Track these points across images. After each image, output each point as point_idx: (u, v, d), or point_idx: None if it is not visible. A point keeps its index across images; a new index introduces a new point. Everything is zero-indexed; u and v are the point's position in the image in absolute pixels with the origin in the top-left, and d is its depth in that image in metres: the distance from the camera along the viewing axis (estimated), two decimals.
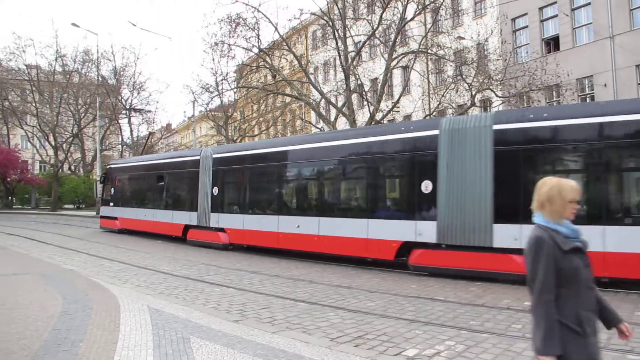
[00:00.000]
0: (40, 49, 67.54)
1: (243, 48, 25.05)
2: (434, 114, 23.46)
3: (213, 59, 32.93)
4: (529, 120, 10.33)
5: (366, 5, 24.86)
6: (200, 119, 47.98)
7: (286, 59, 27.91)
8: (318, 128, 28.04)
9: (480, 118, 11.20)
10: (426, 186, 11.31)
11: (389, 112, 23.97)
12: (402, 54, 23.12)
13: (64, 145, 48.36)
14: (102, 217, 25.41)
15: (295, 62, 26.10)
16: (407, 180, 12.16)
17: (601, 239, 8.81)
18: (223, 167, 17.43)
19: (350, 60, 23.08)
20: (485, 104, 26.14)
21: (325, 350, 5.57)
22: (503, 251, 10.01)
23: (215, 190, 17.40)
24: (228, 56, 26.79)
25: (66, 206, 48.95)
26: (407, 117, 31.65)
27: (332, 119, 24.52)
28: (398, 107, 24.80)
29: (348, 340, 6.17)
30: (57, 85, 46.66)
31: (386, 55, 22.65)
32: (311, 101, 26.12)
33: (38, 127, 48.13)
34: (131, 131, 48.13)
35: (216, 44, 25.45)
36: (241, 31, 23.62)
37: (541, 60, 22.15)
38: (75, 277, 10.73)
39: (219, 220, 17.14)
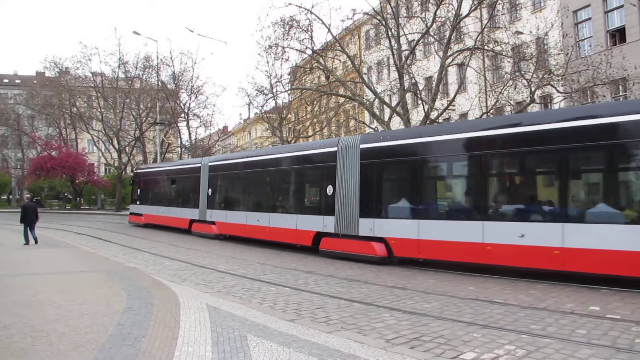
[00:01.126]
0: (104, 57, 71.12)
1: (296, 50, 25.29)
2: (491, 111, 22.83)
3: (267, 62, 33.26)
4: (382, 140, 14.00)
5: (420, 3, 24.52)
6: (256, 121, 48.78)
7: (339, 60, 27.91)
8: (372, 128, 27.90)
9: (355, 138, 14.67)
10: (329, 190, 14.80)
11: (444, 110, 23.56)
12: (457, 51, 22.65)
13: (127, 148, 50.36)
14: (130, 213, 30.64)
15: (349, 62, 26.07)
16: (318, 185, 15.85)
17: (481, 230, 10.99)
18: (214, 173, 21.59)
19: (404, 59, 22.83)
20: (546, 100, 25.23)
21: (381, 351, 5.54)
22: (365, 239, 13.53)
23: (210, 191, 21.68)
24: (282, 58, 27.11)
25: (129, 206, 51.00)
26: (463, 115, 31.00)
27: (386, 118, 24.33)
28: (454, 106, 24.33)
29: (404, 341, 6.11)
30: (120, 91, 48.72)
31: (441, 53, 22.27)
32: (365, 101, 26.00)
33: (103, 131, 50.40)
34: (189, 134, 49.53)
35: (270, 47, 25.81)
36: (294, 33, 23.85)
37: (606, 53, 21.15)
38: (138, 274, 11.17)
39: (211, 215, 21.27)
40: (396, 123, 26.90)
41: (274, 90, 33.09)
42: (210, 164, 22.10)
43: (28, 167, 54.99)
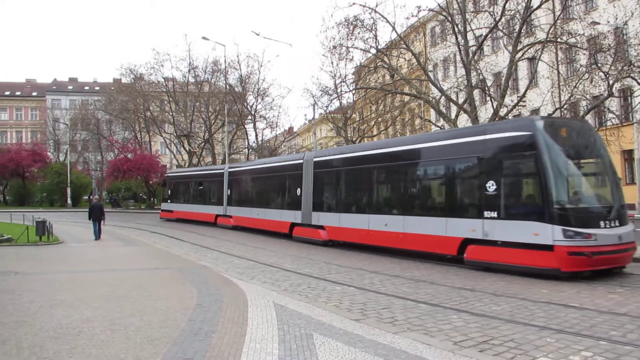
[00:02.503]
0: (175, 63, 73.93)
1: (361, 50, 25.21)
2: (565, 107, 21.79)
3: (332, 62, 33.46)
4: (325, 155, 19.58)
5: None
6: (320, 121, 49.13)
7: (404, 58, 27.58)
8: (438, 126, 27.40)
9: (312, 153, 20.13)
10: (298, 191, 19.82)
11: (514, 107, 22.72)
12: (528, 45, 21.77)
13: (197, 150, 52.12)
14: (162, 210, 36.91)
15: (414, 60, 25.72)
16: (291, 188, 20.78)
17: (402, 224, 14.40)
18: (233, 177, 27.38)
19: (471, 55, 22.22)
20: (625, 93, 23.78)
21: (448, 353, 5.43)
22: (316, 227, 18.48)
23: (229, 192, 27.49)
24: (346, 58, 27.14)
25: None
26: (535, 111, 29.79)
27: (453, 116, 23.79)
28: (524, 102, 23.41)
29: (472, 344, 5.96)
30: (190, 95, 50.55)
31: (510, 48, 21.48)
32: (431, 99, 25.55)
33: (174, 134, 52.48)
34: (256, 135, 50.60)
35: (334, 47, 25.90)
36: (359, 33, 23.77)
37: None
38: (208, 272, 11.55)
39: (229, 210, 27.13)
40: (463, 120, 26.26)
41: (339, 90, 33.22)
42: (230, 170, 28.15)
43: (107, 169, 58.19)
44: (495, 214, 11.51)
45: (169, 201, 35.72)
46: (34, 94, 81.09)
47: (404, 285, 10.09)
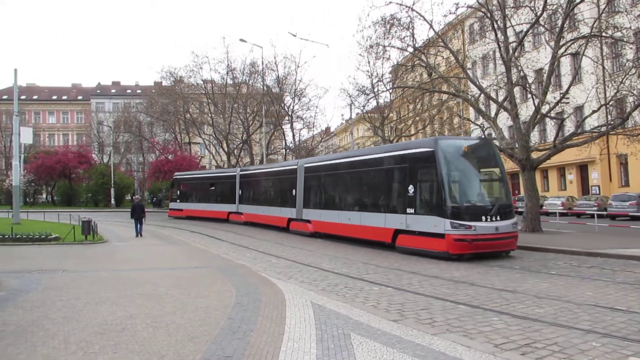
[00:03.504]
0: (214, 65, 74.53)
1: (398, 48, 24.97)
2: (610, 103, 21.07)
3: (368, 62, 33.29)
4: (311, 162, 23.05)
5: None
6: (357, 121, 49.03)
7: (442, 56, 27.17)
8: (477, 125, 26.89)
9: (303, 160, 24.37)
10: (294, 192, 23.45)
11: (556, 104, 22.15)
12: (571, 40, 21.15)
13: (235, 151, 52.80)
14: (170, 209, 40.18)
15: (452, 58, 25.32)
16: (288, 189, 24.33)
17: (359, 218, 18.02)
18: (244, 179, 31.26)
19: (511, 52, 21.74)
20: None
21: (489, 356, 5.34)
22: (305, 221, 22.18)
23: (240, 192, 31.35)
24: (383, 57, 26.95)
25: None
26: (578, 108, 28.95)
27: (493, 114, 23.34)
28: (567, 98, 22.76)
29: (514, 347, 5.84)
30: (228, 97, 51.24)
31: (552, 43, 20.94)
32: (469, 97, 25.09)
33: (213, 135, 53.30)
34: (293, 136, 50.88)
35: (371, 46, 25.74)
36: (395, 32, 23.54)
37: None
38: (246, 271, 11.69)
39: (241, 208, 31.09)
40: (503, 119, 25.75)
41: (376, 89, 33.07)
42: (241, 172, 31.99)
43: (148, 170, 59.62)
44: (413, 211, 15.07)
45: (177, 201, 38.86)
46: (80, 97, 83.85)
47: (442, 286, 9.95)
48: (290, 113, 49.62)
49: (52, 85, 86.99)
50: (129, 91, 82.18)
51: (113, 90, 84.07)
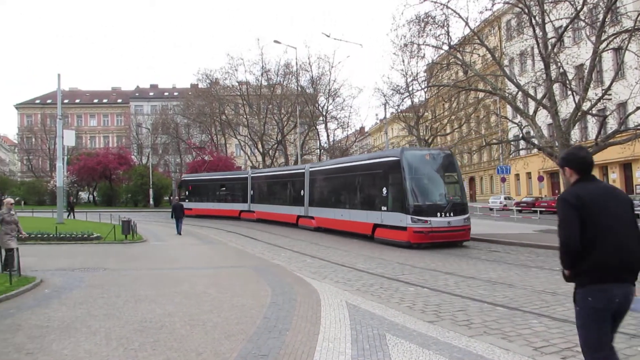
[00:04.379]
0: (249, 67, 75.64)
1: (432, 47, 24.67)
2: None
3: (403, 61, 32.93)
4: (315, 166, 26.76)
5: None
6: (392, 120, 48.65)
7: (478, 54, 26.72)
8: (515, 123, 26.30)
9: (308, 165, 28.31)
10: (302, 192, 26.59)
11: (598, 100, 21.45)
12: (613, 35, 20.45)
13: (270, 151, 53.20)
14: None
15: (488, 55, 24.86)
16: (297, 190, 27.54)
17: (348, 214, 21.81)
18: (255, 181, 34.45)
19: (550, 48, 21.18)
20: None
21: (528, 359, 5.22)
22: (310, 218, 25.46)
23: (252, 192, 34.47)
24: (417, 56, 26.60)
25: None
26: (621, 104, 28.02)
27: (531, 112, 22.81)
28: (610, 95, 22.03)
29: (554, 351, 5.69)
30: (263, 98, 51.71)
31: (593, 38, 20.30)
32: (507, 95, 24.58)
33: (248, 136, 53.88)
34: (327, 136, 50.93)
35: (405, 45, 25.49)
36: (430, 30, 23.25)
37: None
38: (281, 271, 11.77)
39: (252, 207, 34.07)
40: (542, 116, 25.13)
41: (410, 88, 32.72)
42: (252, 175, 35.49)
43: (185, 171, 60.69)
44: (386, 208, 18.56)
45: (186, 200, 39.75)
46: (119, 101, 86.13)
47: (479, 287, 9.79)
48: (324, 113, 49.71)
49: (93, 89, 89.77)
50: (166, 94, 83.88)
51: (151, 93, 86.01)
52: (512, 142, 32.38)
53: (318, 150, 53.82)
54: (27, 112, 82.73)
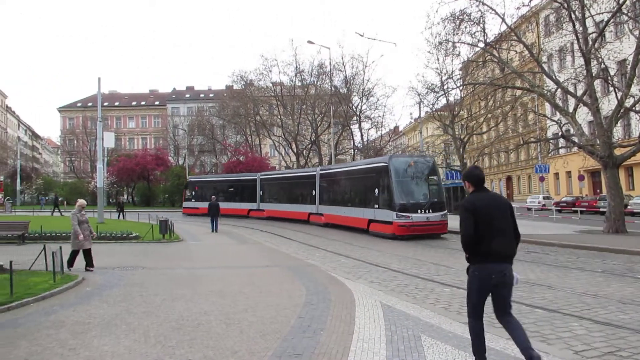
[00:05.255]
0: (282, 68, 76.12)
1: (468, 44, 24.36)
2: None
3: (437, 59, 32.54)
4: (325, 170, 30.57)
5: None
6: (427, 119, 48.17)
7: (515, 51, 26.19)
8: (554, 121, 25.66)
9: (318, 168, 32.05)
10: (314, 192, 29.80)
11: None
12: None
13: (304, 152, 53.38)
14: (185, 207, 44.71)
15: (526, 52, 24.36)
16: (309, 190, 30.60)
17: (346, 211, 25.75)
18: (265, 182, 37.78)
19: (591, 43, 20.59)
20: None
21: None
22: (320, 215, 28.86)
23: (261, 192, 37.44)
24: (453, 54, 26.39)
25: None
26: None
27: (571, 109, 22.22)
28: None
29: (596, 355, 5.52)
30: (297, 98, 51.94)
31: (637, 32, 19.65)
32: (545, 92, 24.01)
33: (283, 136, 54.19)
34: (361, 135, 50.76)
35: (440, 43, 25.27)
36: (465, 27, 22.94)
37: None
38: (315, 271, 11.78)
39: (262, 206, 37.12)
40: (583, 113, 24.47)
41: (445, 87, 32.32)
42: (262, 177, 38.18)
43: (221, 171, 61.52)
44: (377, 206, 21.72)
45: (193, 200, 42.81)
46: (157, 103, 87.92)
47: (518, 289, 9.52)
48: (358, 113, 49.58)
49: (131, 92, 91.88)
50: (202, 95, 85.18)
51: (187, 95, 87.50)
52: (550, 141, 31.63)
53: (352, 150, 53.67)
54: (69, 115, 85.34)
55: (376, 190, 22.04)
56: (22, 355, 5.47)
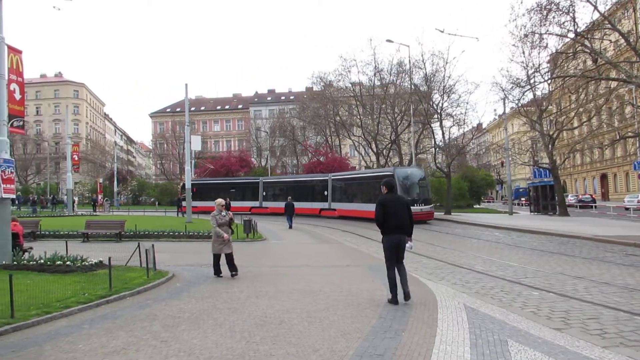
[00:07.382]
0: (361, 67, 75.65)
1: (556, 35, 23.22)
2: None
3: (523, 52, 31.13)
4: (335, 176, 40.57)
5: None
6: (512, 115, 46.33)
7: (609, 40, 24.58)
8: None
9: (331, 174, 41.03)
10: (325, 192, 39.61)
11: None
12: None
13: (384, 151, 52.99)
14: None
15: (622, 40, 22.77)
16: (321, 191, 40.17)
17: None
18: (268, 185, 45.46)
19: None
20: None
21: None
22: (332, 210, 38.64)
23: (264, 193, 44.38)
24: (539, 46, 25.20)
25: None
26: None
27: None
28: None
29: None
30: (376, 98, 51.61)
31: None
32: None
33: (362, 136, 54.08)
34: (442, 134, 49.57)
35: (525, 35, 24.23)
36: (553, 17, 21.90)
37: None
38: None
39: (264, 204, 44.25)
40: None
41: (532, 81, 30.92)
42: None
43: (302, 172, 62.47)
44: None
45: (199, 200, 44.00)
46: (240, 106, 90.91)
47: (614, 294, 8.97)
48: (439, 111, 48.41)
49: (216, 97, 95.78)
50: (282, 98, 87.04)
51: (269, 98, 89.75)
52: None
53: (433, 149, 52.58)
54: (160, 120, 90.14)
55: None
56: (120, 345, 5.84)
